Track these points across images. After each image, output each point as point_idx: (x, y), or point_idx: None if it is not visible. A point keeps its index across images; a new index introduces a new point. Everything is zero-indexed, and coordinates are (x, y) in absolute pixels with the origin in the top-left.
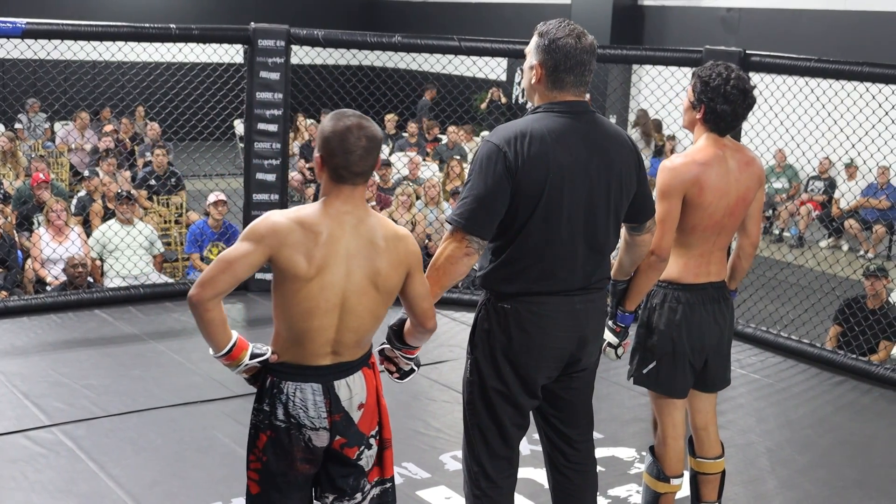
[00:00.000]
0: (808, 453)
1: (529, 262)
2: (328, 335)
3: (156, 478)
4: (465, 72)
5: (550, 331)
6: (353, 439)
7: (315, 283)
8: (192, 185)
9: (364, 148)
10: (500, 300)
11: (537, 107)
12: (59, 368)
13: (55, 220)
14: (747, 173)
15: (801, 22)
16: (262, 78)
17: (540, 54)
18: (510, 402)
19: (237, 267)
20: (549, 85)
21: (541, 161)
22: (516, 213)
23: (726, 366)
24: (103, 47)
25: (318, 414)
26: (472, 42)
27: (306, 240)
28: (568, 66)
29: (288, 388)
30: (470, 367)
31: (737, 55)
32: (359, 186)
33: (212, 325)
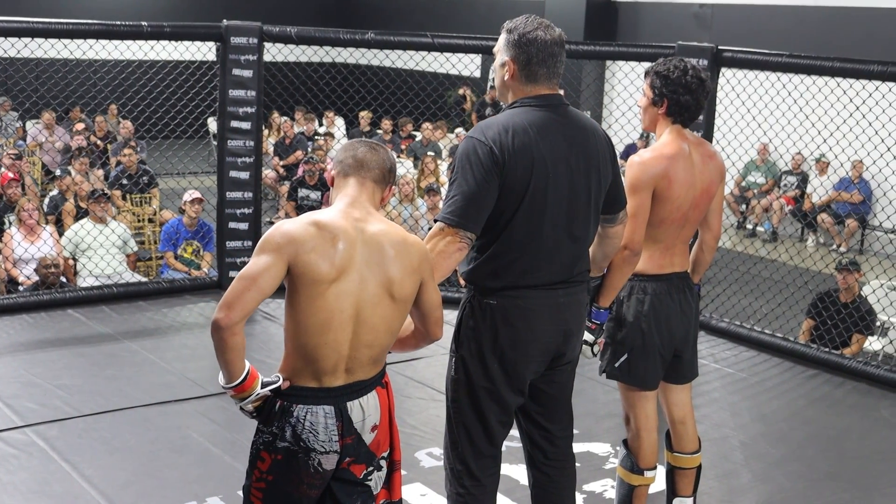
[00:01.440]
0: (781, 447)
1: (514, 257)
2: (342, 351)
3: (129, 478)
4: (438, 68)
5: (536, 325)
6: (361, 458)
7: (332, 290)
8: (166, 184)
9: (369, 146)
10: (485, 296)
11: (514, 102)
12: (32, 369)
13: (27, 219)
14: (710, 166)
15: (774, 18)
16: (234, 75)
17: (511, 50)
18: (496, 400)
19: (262, 282)
20: (522, 79)
21: (526, 155)
22: (502, 209)
23: (695, 356)
24: (74, 45)
25: (330, 437)
26: (445, 38)
27: (324, 241)
28: (540, 58)
29: (298, 411)
30: (455, 364)
31: (709, 51)
32: (367, 183)
33: (234, 351)
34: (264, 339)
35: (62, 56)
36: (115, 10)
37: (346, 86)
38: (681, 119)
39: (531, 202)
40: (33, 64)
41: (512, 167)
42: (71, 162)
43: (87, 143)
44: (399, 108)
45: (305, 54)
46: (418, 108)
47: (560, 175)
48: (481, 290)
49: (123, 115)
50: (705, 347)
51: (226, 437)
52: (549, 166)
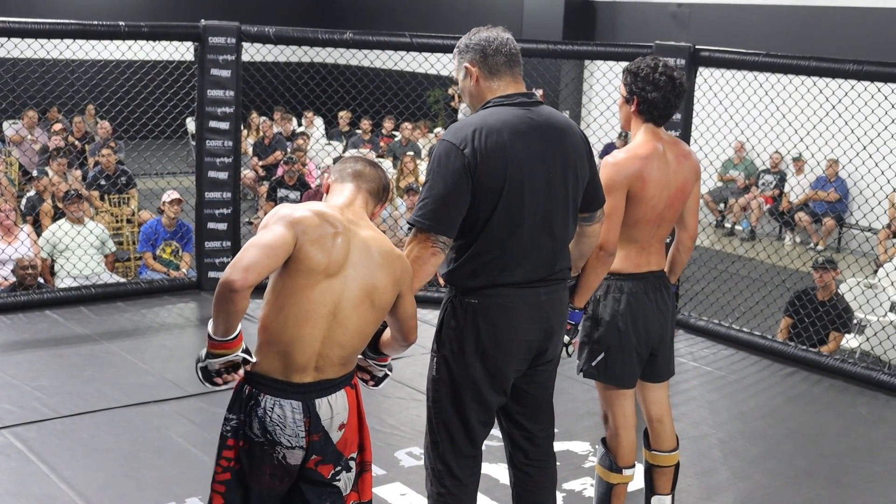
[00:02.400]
0: (759, 444)
1: (493, 256)
2: (315, 347)
3: (108, 479)
4: (417, 68)
5: (517, 323)
6: (328, 458)
7: (320, 284)
8: (144, 184)
9: (369, 162)
10: (465, 295)
11: (486, 102)
12: (9, 370)
13: (3, 219)
14: (685, 166)
15: (751, 17)
16: (213, 75)
17: (464, 56)
18: (478, 400)
19: (279, 252)
20: (486, 75)
21: (499, 154)
22: (478, 209)
23: (671, 354)
24: (51, 45)
25: (296, 433)
26: (424, 38)
27: (325, 232)
28: (493, 48)
29: (266, 402)
30: (436, 364)
31: (687, 50)
32: (362, 191)
33: (239, 315)
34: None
35: (39, 56)
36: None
37: (324, 86)
38: (651, 117)
39: (508, 201)
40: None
41: (485, 167)
42: (48, 162)
43: (65, 144)
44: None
45: (284, 54)
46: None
47: (536, 173)
48: (461, 289)
49: (101, 115)
50: (684, 346)
51: (205, 438)
52: (524, 164)
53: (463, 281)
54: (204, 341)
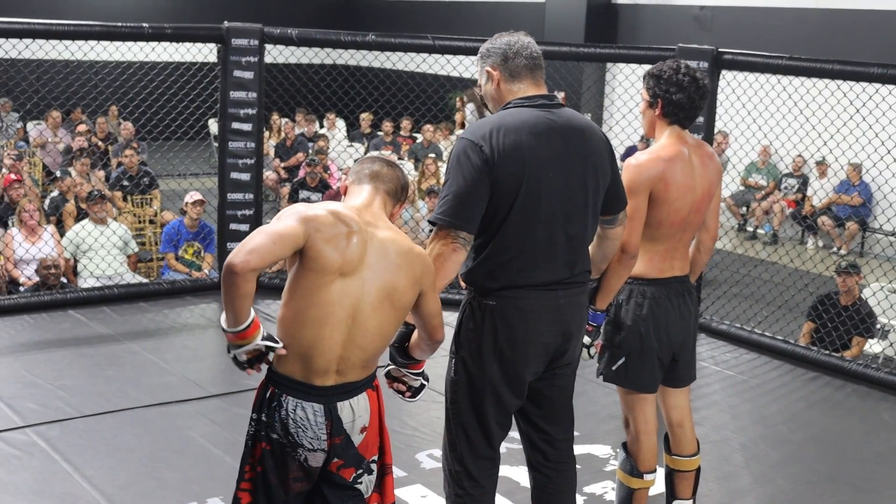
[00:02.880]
0: (781, 449)
1: (511, 256)
2: (335, 351)
3: (130, 478)
4: (439, 70)
5: (536, 325)
6: (350, 461)
7: (336, 284)
8: (167, 185)
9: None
10: (484, 297)
11: (506, 104)
12: (33, 369)
13: (28, 220)
14: (710, 168)
15: (774, 20)
16: (235, 77)
17: (486, 60)
18: (496, 401)
19: (286, 242)
20: (507, 79)
21: (517, 154)
22: (496, 208)
23: (693, 360)
24: (75, 46)
25: (318, 435)
26: (445, 40)
27: (339, 231)
28: (514, 51)
29: (288, 403)
30: (455, 366)
31: (709, 53)
32: (380, 191)
33: (245, 297)
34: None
35: (63, 57)
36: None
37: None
38: (677, 119)
39: (525, 201)
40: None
41: (502, 167)
42: (72, 163)
43: (89, 145)
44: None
45: (306, 56)
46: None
47: (555, 175)
48: (480, 290)
49: (125, 116)
50: (706, 350)
51: (226, 438)
52: (542, 165)
53: (481, 282)
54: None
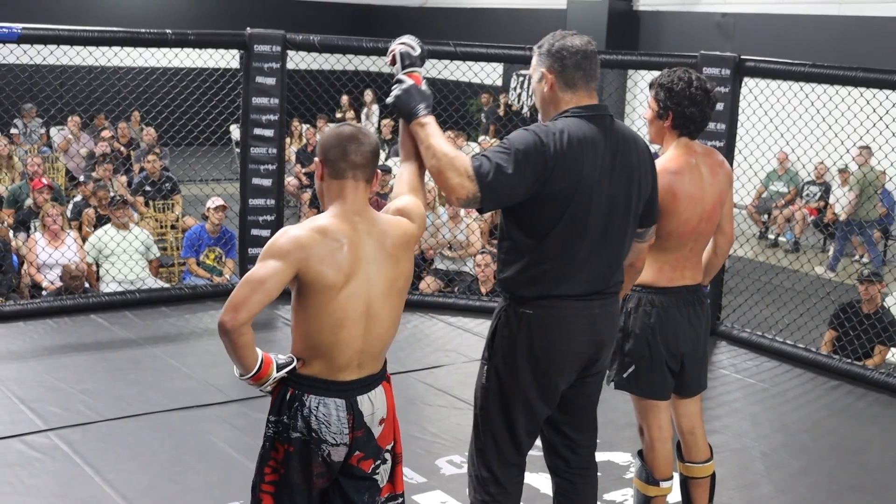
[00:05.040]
0: (802, 458)
1: (552, 265)
2: (356, 346)
3: (152, 482)
4: (460, 77)
5: (571, 335)
6: (370, 453)
7: (343, 293)
8: (189, 190)
9: (358, 140)
10: (520, 305)
11: (564, 111)
12: (55, 373)
13: (51, 224)
14: (720, 176)
15: (796, 27)
16: (258, 83)
17: (545, 61)
18: (527, 410)
19: (269, 286)
20: (562, 86)
21: (575, 164)
22: (545, 214)
23: (703, 369)
24: (99, 52)
25: (341, 430)
26: (467, 47)
27: (331, 249)
28: (574, 61)
29: (311, 401)
30: (487, 373)
31: (732, 60)
32: (360, 184)
33: (244, 349)
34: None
35: (87, 63)
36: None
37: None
38: (687, 132)
39: (573, 214)
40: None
41: (559, 173)
42: (95, 168)
43: (111, 150)
44: None
45: (328, 62)
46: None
47: (603, 187)
48: (517, 298)
49: (147, 121)
50: (726, 357)
51: (247, 443)
52: (594, 178)
53: (519, 289)
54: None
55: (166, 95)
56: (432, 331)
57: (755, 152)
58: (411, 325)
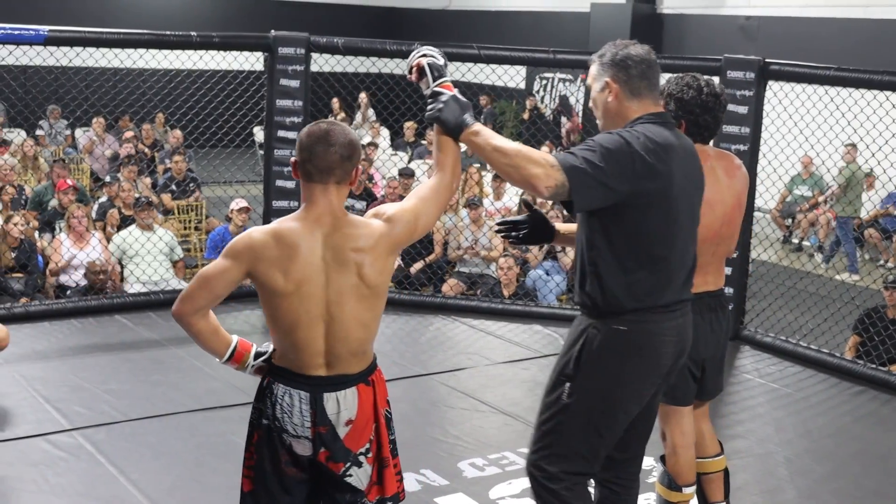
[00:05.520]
0: (827, 463)
1: (644, 275)
2: (317, 346)
3: (175, 482)
4: (484, 80)
5: (663, 348)
6: (338, 454)
7: (294, 297)
8: (213, 192)
9: (327, 141)
10: (611, 320)
11: (638, 118)
12: (80, 373)
13: (76, 225)
14: (737, 178)
15: (821, 30)
16: (282, 85)
17: (608, 71)
18: (612, 427)
19: (214, 284)
20: (627, 96)
21: (663, 166)
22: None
23: (721, 373)
24: (124, 54)
25: (302, 423)
26: (490, 50)
27: (281, 254)
28: (639, 71)
29: (278, 390)
30: (569, 391)
31: (756, 64)
32: (330, 187)
33: (200, 336)
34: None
35: (112, 65)
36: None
37: (391, 96)
38: (701, 138)
39: (664, 218)
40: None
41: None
42: (119, 169)
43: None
44: None
45: (352, 65)
46: None
47: (685, 195)
48: (607, 313)
49: (171, 123)
50: (750, 362)
51: None
52: (679, 184)
53: (609, 303)
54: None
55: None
56: (454, 333)
57: (779, 156)
58: (434, 327)
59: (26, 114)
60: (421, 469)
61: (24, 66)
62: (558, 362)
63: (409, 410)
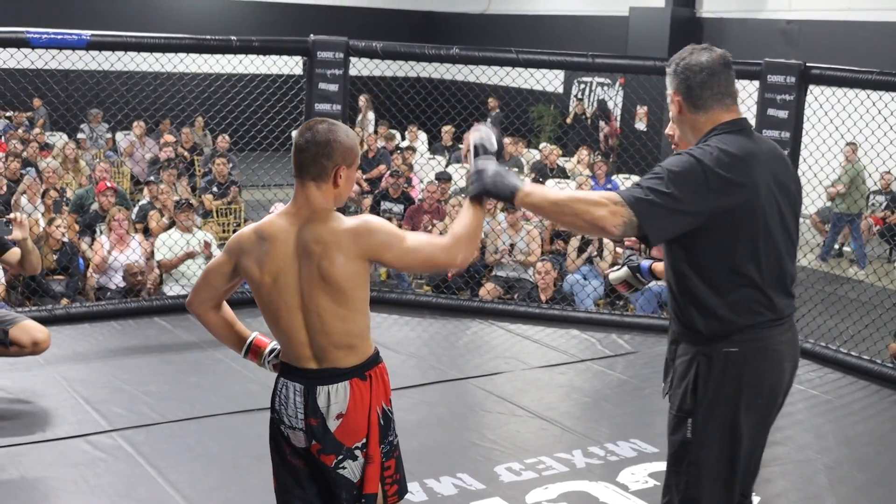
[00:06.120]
0: (867, 471)
1: (742, 294)
2: (300, 337)
3: (213, 484)
4: (522, 84)
5: (779, 365)
6: (328, 447)
7: (273, 288)
8: (251, 195)
9: (298, 139)
10: (721, 343)
11: (712, 129)
12: (120, 375)
13: (116, 228)
14: None
15: (862, 34)
16: (320, 89)
17: (672, 82)
18: (748, 456)
19: (211, 277)
20: (691, 107)
21: (743, 177)
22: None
23: None
24: (165, 59)
25: (296, 414)
26: (529, 54)
27: (259, 247)
28: (700, 80)
29: (280, 383)
30: (692, 427)
31: (797, 68)
32: (307, 183)
33: (211, 328)
34: None
35: (153, 69)
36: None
37: (430, 100)
38: None
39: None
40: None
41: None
42: (159, 173)
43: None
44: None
45: (390, 69)
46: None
47: (773, 203)
48: (714, 338)
49: (211, 127)
50: None
51: None
52: (767, 195)
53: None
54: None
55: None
56: (492, 338)
57: (820, 161)
58: (471, 331)
59: (68, 117)
60: (457, 473)
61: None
62: (672, 400)
63: (446, 414)
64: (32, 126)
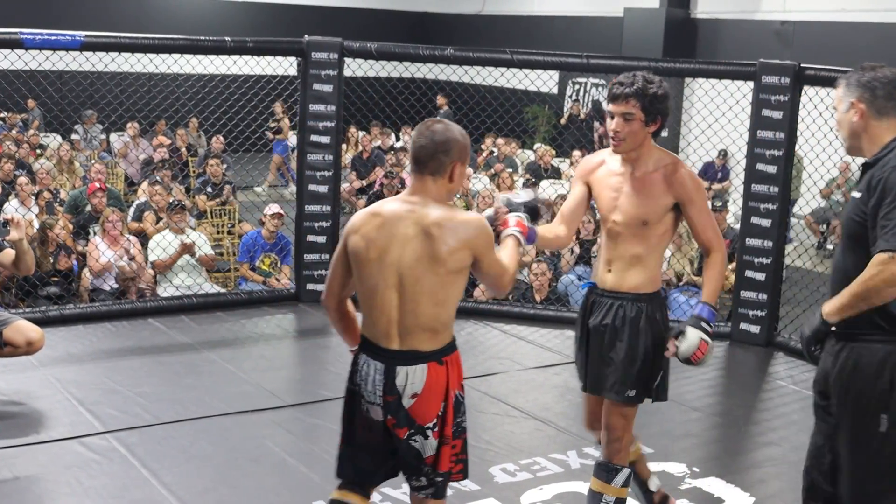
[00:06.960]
0: None
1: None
2: (391, 315)
3: (207, 485)
4: (517, 85)
5: None
6: (401, 422)
7: (376, 263)
8: (246, 197)
9: (416, 137)
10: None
11: (894, 139)
12: (114, 376)
13: (111, 229)
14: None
15: (857, 35)
16: (315, 90)
17: (854, 91)
18: None
19: (335, 267)
20: (874, 115)
21: None
22: None
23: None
24: (159, 59)
25: (375, 391)
26: (524, 55)
27: (369, 225)
28: (887, 91)
29: (361, 359)
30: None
31: (791, 69)
32: (425, 178)
33: (337, 324)
34: (340, 351)
35: (147, 70)
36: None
37: (424, 101)
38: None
39: None
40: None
41: None
42: (153, 173)
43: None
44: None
45: (385, 70)
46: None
47: None
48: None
49: (205, 128)
50: (784, 369)
51: (301, 448)
52: None
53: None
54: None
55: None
56: (486, 338)
57: (814, 161)
58: (465, 332)
59: (62, 118)
60: None
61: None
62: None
63: None
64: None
